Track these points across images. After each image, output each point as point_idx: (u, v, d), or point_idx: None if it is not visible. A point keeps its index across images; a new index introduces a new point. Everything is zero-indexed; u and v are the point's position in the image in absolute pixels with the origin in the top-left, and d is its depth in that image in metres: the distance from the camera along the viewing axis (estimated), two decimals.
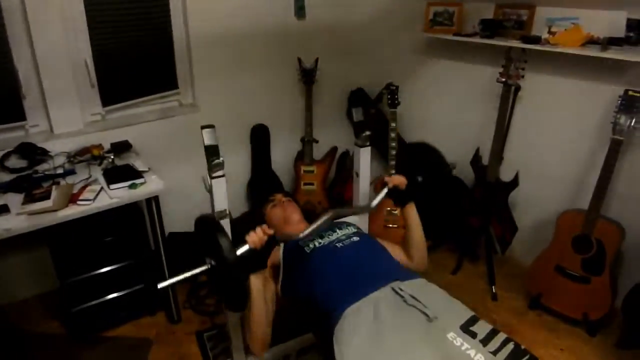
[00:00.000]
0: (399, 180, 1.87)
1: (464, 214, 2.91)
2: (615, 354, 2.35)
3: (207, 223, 1.50)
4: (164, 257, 2.39)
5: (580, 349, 2.39)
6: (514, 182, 2.68)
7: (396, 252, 1.88)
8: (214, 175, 1.74)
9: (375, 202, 1.91)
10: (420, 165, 1.99)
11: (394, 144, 2.84)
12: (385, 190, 1.88)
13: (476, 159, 2.82)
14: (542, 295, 2.60)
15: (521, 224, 2.80)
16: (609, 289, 2.35)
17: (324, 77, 3.20)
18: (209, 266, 1.47)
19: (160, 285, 1.44)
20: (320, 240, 1.76)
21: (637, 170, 2.37)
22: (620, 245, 2.36)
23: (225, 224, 1.82)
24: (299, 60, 3.13)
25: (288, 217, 2.02)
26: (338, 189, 3.37)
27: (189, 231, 2.91)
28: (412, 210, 1.90)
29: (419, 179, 1.99)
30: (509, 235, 2.79)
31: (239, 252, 1.48)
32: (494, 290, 2.77)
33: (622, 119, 2.19)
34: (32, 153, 2.41)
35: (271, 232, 1.56)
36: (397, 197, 1.90)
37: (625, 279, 2.43)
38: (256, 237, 1.53)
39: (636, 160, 2.36)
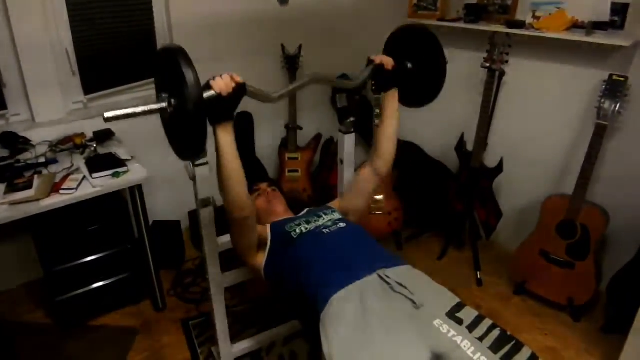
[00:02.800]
0: (386, 59, 1.79)
1: (449, 200, 2.92)
2: (600, 339, 2.37)
3: (171, 52, 1.28)
4: (148, 246, 2.38)
5: (564, 334, 2.42)
6: (499, 168, 2.68)
7: (365, 169, 1.88)
8: (197, 162, 1.73)
9: (361, 77, 1.80)
10: (412, 51, 1.81)
11: None
12: (370, 68, 1.78)
13: (461, 145, 2.82)
14: (527, 281, 2.62)
15: (506, 210, 2.81)
16: (594, 273, 2.37)
17: (307, 64, 3.18)
18: (166, 104, 1.31)
19: (106, 115, 1.27)
20: (306, 226, 1.75)
21: (622, 155, 2.38)
22: (605, 230, 2.37)
23: (210, 212, 1.81)
24: (283, 46, 3.10)
25: (273, 208, 2.01)
26: (323, 175, 3.36)
27: (173, 219, 2.92)
28: (393, 98, 1.85)
29: (409, 65, 1.84)
30: (493, 221, 2.81)
31: (204, 95, 1.29)
32: (479, 276, 2.79)
33: (607, 104, 2.19)
34: (14, 142, 2.38)
35: (240, 79, 1.39)
36: (381, 78, 1.81)
37: (610, 263, 2.45)
38: (222, 82, 1.35)
39: (620, 145, 2.37)
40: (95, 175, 2.19)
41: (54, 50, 2.46)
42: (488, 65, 2.55)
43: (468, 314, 1.40)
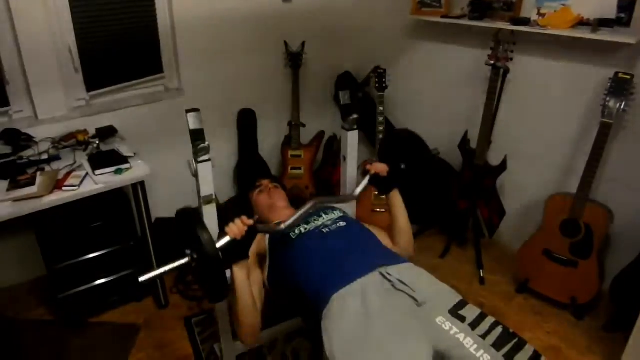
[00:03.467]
0: (381, 167, 1.87)
1: (452, 198, 2.91)
2: (602, 337, 2.36)
3: (187, 216, 1.50)
4: (150, 243, 2.38)
5: (567, 332, 2.41)
6: (502, 166, 2.67)
7: (382, 237, 1.87)
8: (200, 159, 1.73)
9: (358, 190, 1.92)
10: (404, 153, 1.99)
11: (381, 128, 2.83)
12: (367, 178, 1.89)
13: (464, 143, 2.81)
14: (530, 279, 2.61)
15: (509, 208, 2.80)
16: (597, 272, 2.36)
17: (310, 61, 3.17)
18: (190, 258, 1.47)
19: (141, 279, 1.43)
20: (305, 226, 1.75)
21: (626, 154, 2.36)
22: (608, 229, 2.36)
23: (212, 208, 1.81)
24: (286, 44, 3.09)
25: (274, 204, 2.01)
26: (325, 173, 3.36)
27: None
28: (396, 197, 1.90)
29: (402, 166, 1.98)
30: (496, 219, 2.80)
31: (219, 244, 1.47)
32: (481, 274, 2.78)
33: (612, 102, 2.17)
34: (17, 139, 2.38)
35: (251, 222, 1.54)
36: (380, 184, 1.90)
37: (613, 262, 2.44)
38: (236, 228, 1.51)
39: (625, 143, 2.36)
40: (97, 172, 2.19)
41: (57, 47, 2.45)
42: (492, 62, 2.54)
43: (470, 312, 1.41)
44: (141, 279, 1.43)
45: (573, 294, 2.45)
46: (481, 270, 2.80)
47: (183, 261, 1.47)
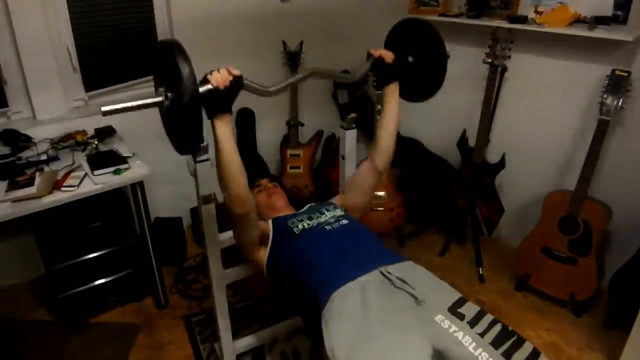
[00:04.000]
0: (386, 52, 1.78)
1: (451, 196, 2.92)
2: (601, 334, 2.37)
3: (168, 46, 1.30)
4: (149, 243, 2.38)
5: (566, 329, 2.41)
6: (501, 164, 2.67)
7: (364, 165, 1.89)
8: (198, 159, 1.73)
9: (360, 71, 1.81)
10: (414, 44, 1.79)
11: None
12: (369, 62, 1.76)
13: (463, 141, 2.81)
14: (529, 277, 2.61)
15: (508, 206, 2.81)
16: (596, 269, 2.37)
17: (309, 60, 3.17)
18: (163, 98, 1.32)
19: (104, 109, 1.27)
20: (308, 222, 1.75)
21: (624, 151, 2.37)
22: (607, 226, 2.37)
23: (212, 208, 1.81)
24: (284, 43, 3.09)
25: (273, 203, 2.01)
26: (324, 172, 3.36)
27: (175, 216, 2.92)
28: (393, 93, 1.84)
29: (410, 59, 1.82)
30: (495, 217, 2.80)
31: (200, 89, 1.31)
32: (481, 272, 2.79)
33: (609, 99, 2.18)
34: (15, 140, 2.38)
35: (237, 72, 1.41)
36: (381, 71, 1.80)
37: (612, 259, 2.45)
38: (219, 76, 1.37)
39: (623, 140, 2.36)
40: (96, 172, 2.19)
41: (55, 48, 2.45)
42: (490, 60, 2.54)
43: (469, 309, 1.40)
44: (103, 108, 1.27)
45: (572, 290, 2.45)
46: (480, 268, 2.80)
47: (156, 99, 1.33)
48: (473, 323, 1.36)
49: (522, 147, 2.76)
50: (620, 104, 2.17)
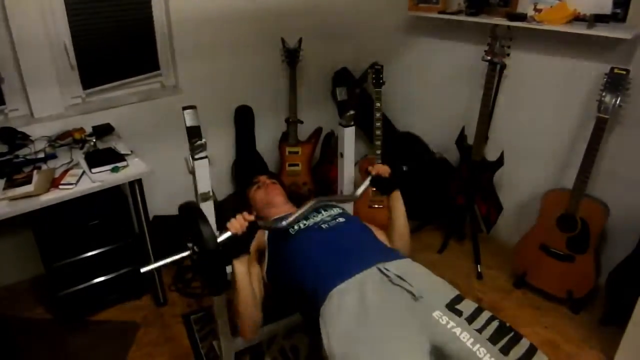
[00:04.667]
0: (383, 169, 1.88)
1: (450, 194, 2.92)
2: (598, 331, 2.38)
3: (189, 210, 1.52)
4: (148, 241, 2.38)
5: (564, 326, 2.42)
6: (499, 162, 2.67)
7: (380, 237, 1.87)
8: (197, 156, 1.73)
9: (359, 191, 1.94)
10: (405, 155, 2.00)
11: (378, 124, 2.82)
12: (368, 179, 1.90)
13: (461, 139, 2.81)
14: (527, 274, 2.62)
15: (506, 204, 2.81)
16: (593, 267, 2.37)
17: (308, 58, 3.16)
18: (191, 252, 1.49)
19: (143, 270, 1.47)
20: (304, 222, 1.76)
21: (622, 149, 2.37)
22: (605, 224, 2.37)
23: (209, 205, 1.81)
24: (283, 40, 3.08)
25: (271, 200, 2.01)
26: (323, 169, 3.36)
27: (174, 214, 2.91)
28: (396, 199, 1.90)
29: (404, 168, 2.01)
30: (494, 215, 2.81)
31: (220, 239, 1.51)
32: (479, 269, 2.80)
33: (608, 97, 2.17)
34: (13, 137, 2.37)
35: (252, 218, 1.57)
36: (381, 185, 1.90)
37: (609, 257, 2.46)
38: (237, 223, 1.55)
39: (621, 139, 2.36)
40: (94, 170, 2.19)
41: (52, 45, 2.45)
42: (489, 58, 2.54)
43: (467, 306, 1.42)
44: (143, 269, 1.47)
45: (570, 288, 2.46)
46: (479, 265, 2.81)
47: (184, 254, 1.50)
48: (471, 319, 1.37)
49: (520, 144, 2.76)
50: (618, 102, 2.17)
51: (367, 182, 1.92)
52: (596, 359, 2.24)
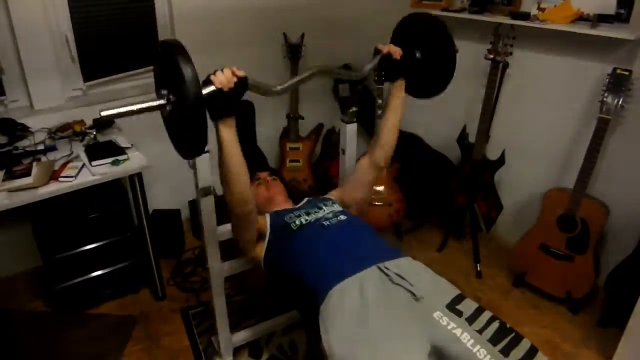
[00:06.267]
0: (394, 48, 1.76)
1: (450, 192, 2.91)
2: (597, 331, 2.38)
3: (168, 48, 1.26)
4: (147, 235, 2.37)
5: (562, 326, 2.43)
6: (500, 161, 2.67)
7: (364, 160, 1.89)
8: None
9: (367, 68, 1.79)
10: (421, 39, 1.76)
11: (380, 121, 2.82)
12: (378, 57, 1.76)
13: (463, 137, 2.81)
14: (527, 273, 2.62)
15: (506, 203, 2.81)
16: (592, 267, 2.38)
17: (310, 53, 3.14)
18: (165, 101, 1.28)
19: (103, 113, 1.21)
20: (306, 217, 1.75)
21: (623, 150, 2.37)
22: (605, 225, 2.37)
23: (210, 200, 1.80)
24: (285, 35, 3.07)
25: (272, 197, 2.00)
26: (324, 166, 3.35)
27: (174, 208, 2.91)
28: (400, 89, 1.83)
29: (417, 54, 1.80)
30: (494, 213, 2.80)
31: (204, 91, 1.28)
32: (478, 268, 2.79)
33: (610, 98, 2.17)
34: (12, 129, 2.36)
35: (241, 73, 1.35)
36: (389, 67, 1.78)
37: (608, 257, 2.46)
38: (223, 77, 1.31)
39: (623, 139, 2.36)
40: (94, 162, 2.17)
41: (53, 36, 2.43)
42: (492, 56, 2.53)
43: (468, 306, 1.41)
44: (103, 113, 1.21)
45: (569, 288, 2.46)
46: (478, 264, 2.81)
47: (158, 102, 1.29)
48: (471, 320, 1.37)
49: (521, 144, 2.76)
50: (620, 102, 2.17)
51: (376, 60, 1.75)
52: (594, 359, 2.24)
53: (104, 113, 1.21)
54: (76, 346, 2.28)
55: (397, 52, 1.76)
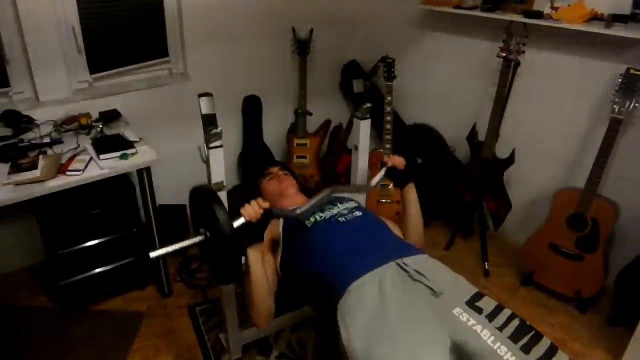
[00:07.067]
0: (398, 160, 1.86)
1: (459, 190, 2.90)
2: (605, 331, 2.38)
3: (203, 193, 1.47)
4: (155, 230, 2.34)
5: (570, 325, 2.43)
6: (510, 159, 2.66)
7: (394, 230, 1.86)
8: (212, 145, 1.70)
9: (374, 181, 1.90)
10: (420, 147, 1.96)
11: (389, 118, 2.80)
12: (383, 170, 1.87)
13: (472, 135, 2.79)
14: (535, 272, 2.62)
15: (515, 202, 2.80)
16: (602, 267, 2.37)
17: (318, 49, 3.13)
18: (203, 237, 1.43)
19: (152, 255, 1.38)
20: (321, 214, 1.73)
21: (635, 151, 2.37)
22: (615, 224, 2.37)
23: (222, 195, 1.78)
24: (294, 30, 3.04)
25: (284, 191, 1.98)
26: (330, 162, 3.33)
27: (179, 203, 2.88)
28: (411, 191, 1.88)
29: (419, 160, 1.98)
30: (502, 212, 2.80)
31: (235, 224, 1.45)
32: (486, 267, 2.79)
33: (622, 98, 2.17)
34: (17, 121, 2.32)
35: (267, 205, 1.53)
36: (396, 177, 1.89)
37: (618, 257, 2.46)
38: (252, 210, 1.50)
39: (634, 140, 2.36)
40: (102, 156, 2.14)
41: (60, 28, 2.39)
42: (504, 55, 2.51)
43: (487, 303, 1.42)
44: (152, 254, 1.38)
45: (578, 287, 2.46)
46: (486, 263, 2.80)
47: (196, 239, 1.43)
48: (491, 317, 1.36)
49: (532, 143, 2.75)
50: (633, 103, 2.16)
51: (382, 173, 1.88)
52: (602, 359, 2.24)
53: (153, 254, 1.38)
54: (82, 342, 2.25)
55: (400, 163, 1.87)
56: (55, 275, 2.29)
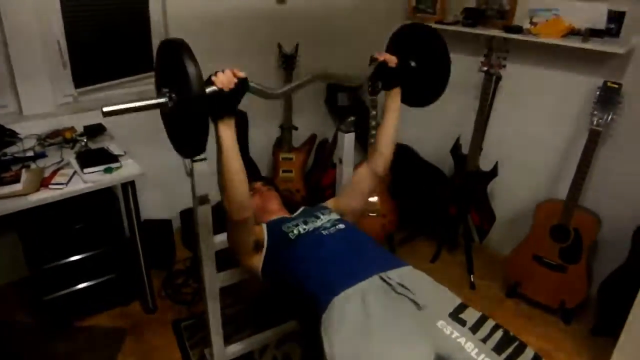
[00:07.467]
0: (390, 57, 1.79)
1: (443, 203, 2.92)
2: (590, 341, 2.40)
3: (173, 46, 1.27)
4: (139, 245, 2.32)
5: (556, 336, 2.44)
6: (493, 172, 2.69)
7: (362, 168, 1.87)
8: (196, 158, 1.70)
9: (363, 76, 1.81)
10: (415, 48, 1.79)
11: (374, 132, 2.83)
12: (375, 65, 1.77)
13: (456, 148, 2.82)
14: (520, 284, 2.63)
15: (499, 214, 2.83)
16: (585, 277, 2.40)
17: (304, 64, 3.15)
18: (167, 99, 1.27)
19: (105, 110, 1.19)
20: (304, 227, 1.72)
21: (614, 161, 2.42)
22: (597, 235, 2.40)
23: (207, 209, 1.77)
24: (279, 45, 3.07)
25: (266, 206, 1.97)
26: (316, 176, 3.34)
27: (164, 218, 2.86)
28: (395, 98, 1.85)
29: (412, 63, 1.80)
30: (487, 225, 2.82)
31: (207, 90, 1.28)
32: (472, 279, 2.80)
33: (601, 110, 2.22)
34: (1, 135, 2.29)
35: (242, 74, 1.37)
36: (385, 76, 1.80)
37: (601, 267, 2.49)
38: (225, 77, 1.33)
39: (613, 151, 2.41)
40: (86, 170, 2.13)
41: (45, 41, 2.39)
42: (485, 69, 2.56)
43: (471, 315, 1.41)
44: (105, 108, 1.19)
45: (562, 298, 2.48)
46: (471, 275, 2.81)
47: (160, 100, 1.28)
48: (475, 329, 1.36)
49: (514, 155, 2.79)
50: (611, 115, 2.22)
51: (371, 69, 1.77)
52: None
53: (105, 109, 1.19)
54: (64, 359, 2.21)
55: (392, 60, 1.78)
56: (39, 290, 2.26)
